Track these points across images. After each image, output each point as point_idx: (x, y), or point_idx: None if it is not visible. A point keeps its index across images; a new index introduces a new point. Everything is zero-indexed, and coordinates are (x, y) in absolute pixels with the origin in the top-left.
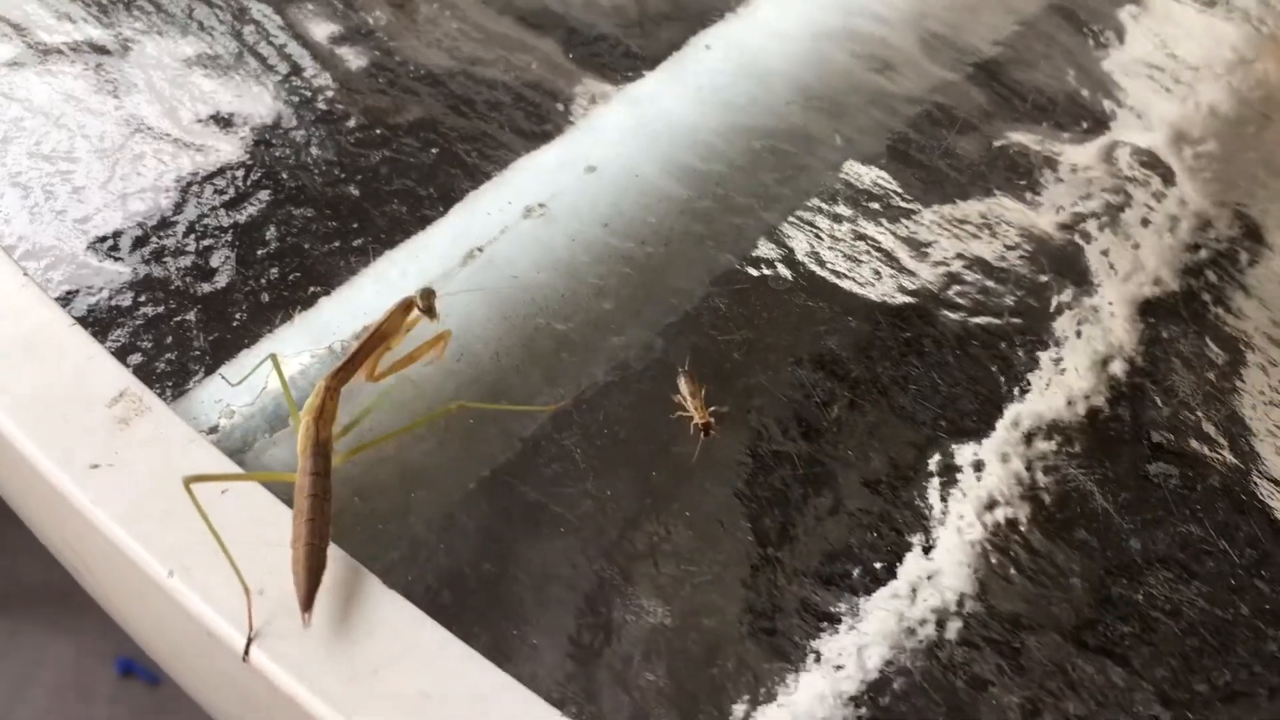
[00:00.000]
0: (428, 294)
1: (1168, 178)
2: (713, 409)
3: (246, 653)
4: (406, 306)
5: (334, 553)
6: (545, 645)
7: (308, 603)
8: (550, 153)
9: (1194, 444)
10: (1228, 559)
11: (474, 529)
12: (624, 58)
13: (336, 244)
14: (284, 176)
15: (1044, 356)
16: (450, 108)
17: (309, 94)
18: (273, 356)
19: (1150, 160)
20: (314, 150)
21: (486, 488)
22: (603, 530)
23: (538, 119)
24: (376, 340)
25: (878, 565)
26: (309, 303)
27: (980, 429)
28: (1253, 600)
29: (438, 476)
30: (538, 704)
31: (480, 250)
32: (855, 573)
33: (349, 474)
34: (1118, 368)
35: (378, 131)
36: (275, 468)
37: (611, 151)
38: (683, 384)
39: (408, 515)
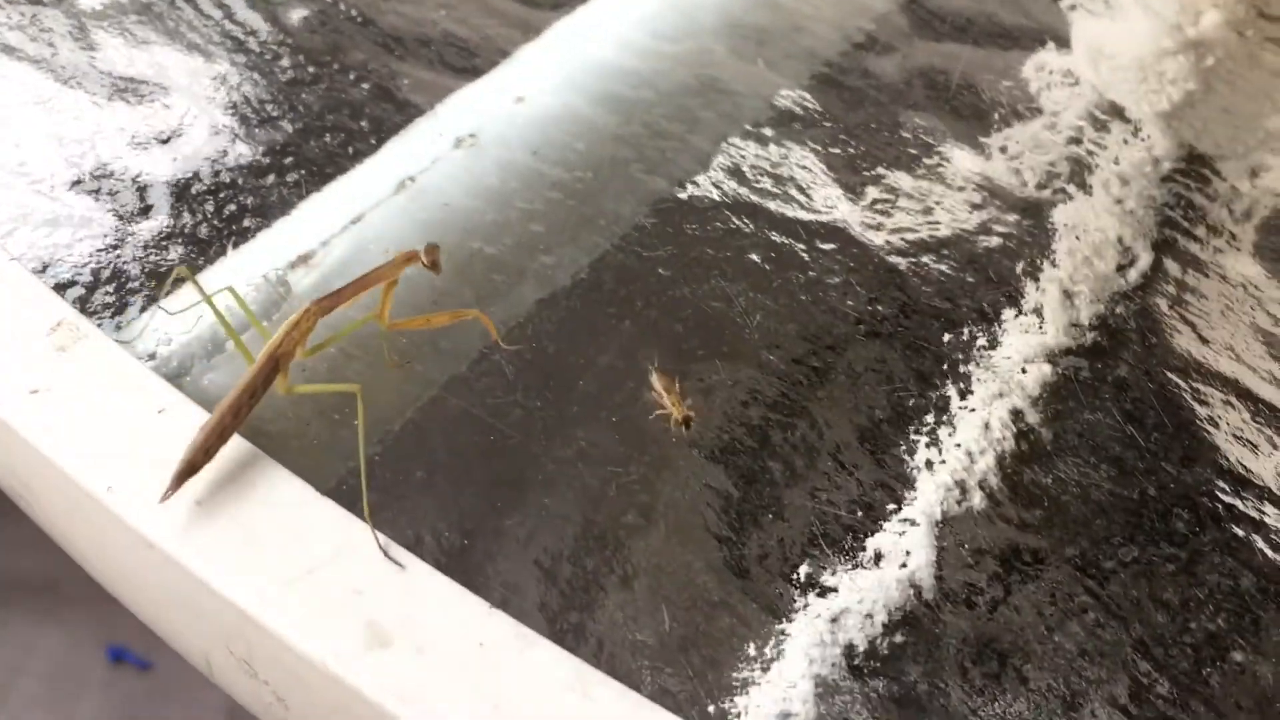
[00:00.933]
0: (432, 248)
1: (1086, 93)
2: (688, 401)
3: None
4: (409, 256)
5: (275, 470)
6: (476, 544)
7: (175, 484)
8: (480, 85)
9: (1103, 339)
10: (1134, 444)
11: (411, 443)
12: None
13: (271, 178)
14: (219, 115)
15: (964, 271)
16: (381, 46)
17: (241, 36)
18: (230, 289)
19: (1069, 77)
20: (247, 89)
21: (425, 404)
22: (531, 437)
23: (468, 54)
24: (370, 281)
25: (790, 463)
26: (245, 236)
27: (899, 331)
28: (1159, 481)
29: (380, 397)
30: (468, 596)
31: (412, 180)
32: (774, 470)
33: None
34: (1028, 267)
35: (310, 70)
36: (213, 393)
37: (540, 83)
38: (656, 381)
39: (344, 431)
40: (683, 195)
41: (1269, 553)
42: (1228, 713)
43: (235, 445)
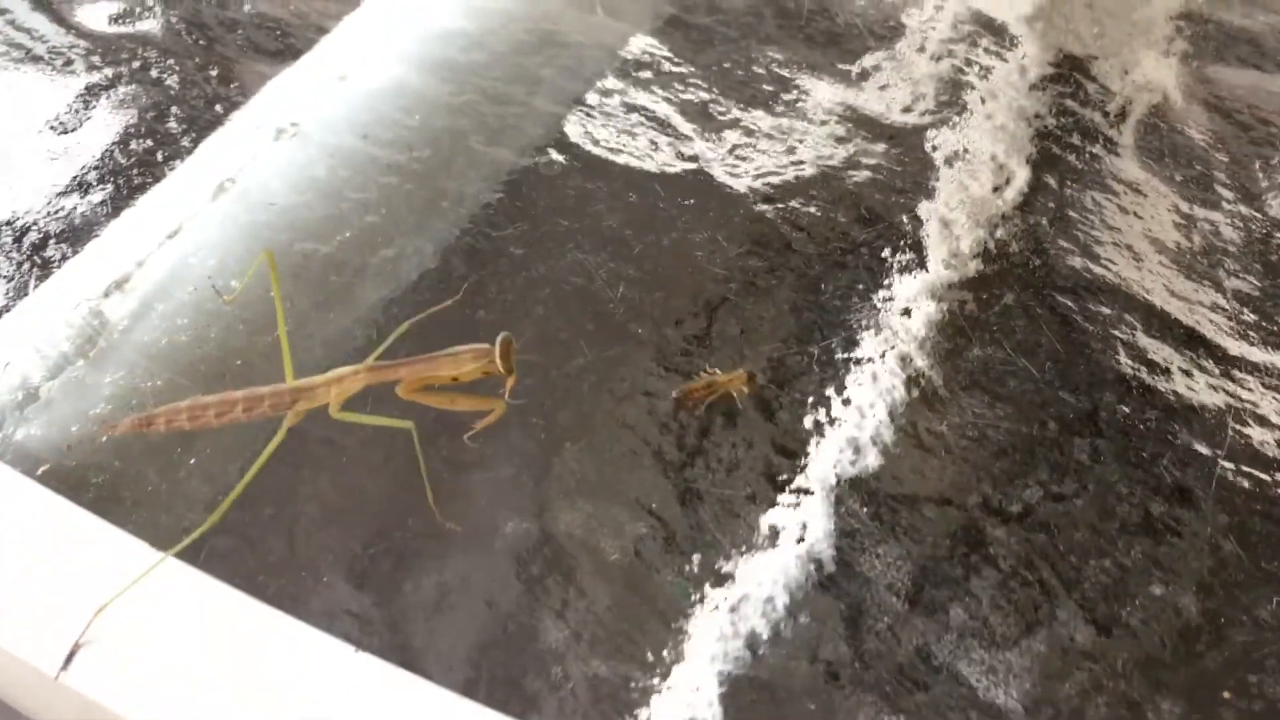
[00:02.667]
0: (507, 343)
1: (949, 4)
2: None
3: None
4: (480, 355)
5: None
6: (333, 579)
7: (131, 424)
8: (298, 68)
9: (986, 267)
10: (1029, 376)
11: (259, 480)
12: None
13: (75, 198)
14: (5, 134)
15: (834, 210)
16: (183, 35)
17: (28, 43)
18: (268, 254)
19: None
20: (39, 101)
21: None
22: (390, 453)
23: (281, 34)
24: (434, 367)
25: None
26: (50, 267)
27: (772, 285)
28: (1057, 413)
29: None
30: (331, 642)
31: (232, 181)
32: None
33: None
34: (902, 200)
35: (108, 72)
36: (31, 446)
37: (363, 57)
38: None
39: (188, 482)
40: (529, 164)
41: (1176, 473)
42: (1152, 649)
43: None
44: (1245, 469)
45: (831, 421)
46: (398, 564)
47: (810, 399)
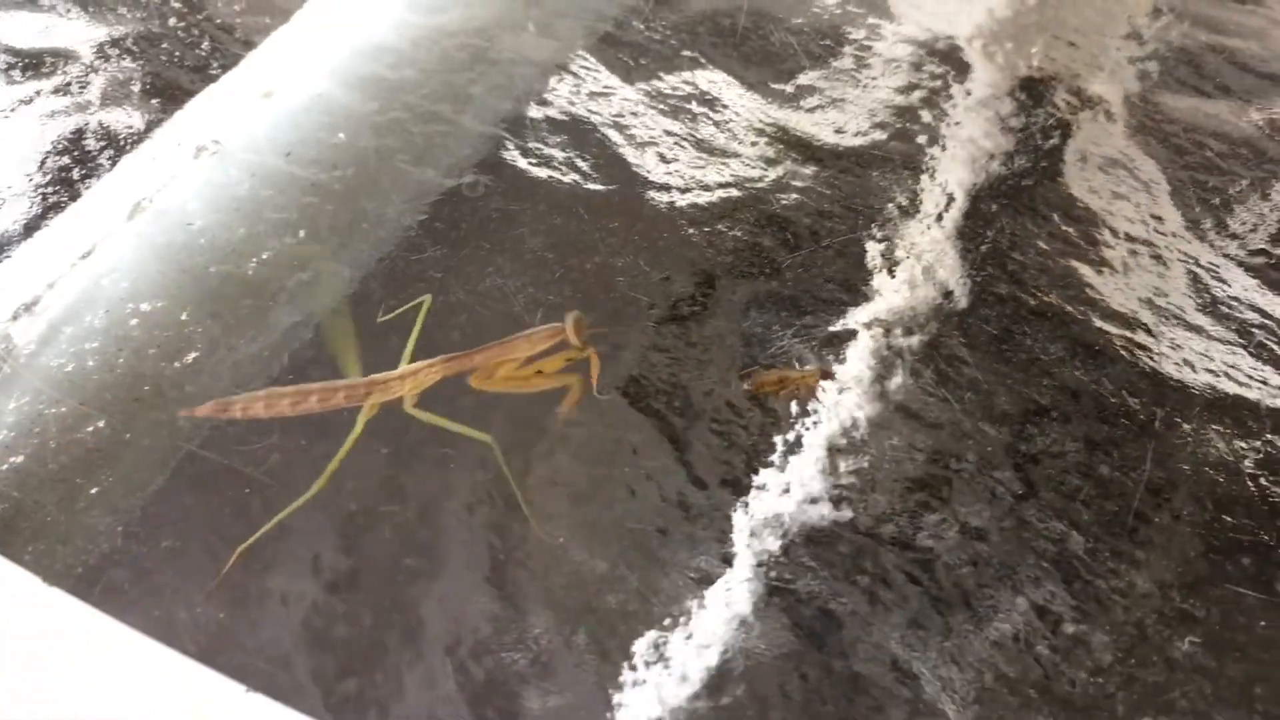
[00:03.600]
0: (579, 320)
1: (886, 25)
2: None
3: None
4: (554, 334)
5: None
6: (234, 616)
7: (209, 409)
8: (222, 84)
9: (914, 292)
10: (950, 407)
11: (161, 512)
12: None
13: None
14: None
15: (761, 235)
16: (105, 49)
17: None
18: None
19: (868, 6)
20: None
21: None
22: (291, 484)
23: (207, 51)
24: (509, 351)
25: None
26: None
27: (694, 313)
28: (978, 444)
29: (125, 464)
30: (222, 681)
31: (149, 201)
32: None
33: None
34: (831, 225)
35: (26, 89)
36: None
37: (290, 74)
38: (764, 378)
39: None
40: (453, 184)
41: (1094, 509)
42: (1061, 691)
43: None
44: (1165, 503)
45: (754, 451)
46: (299, 600)
47: (741, 461)
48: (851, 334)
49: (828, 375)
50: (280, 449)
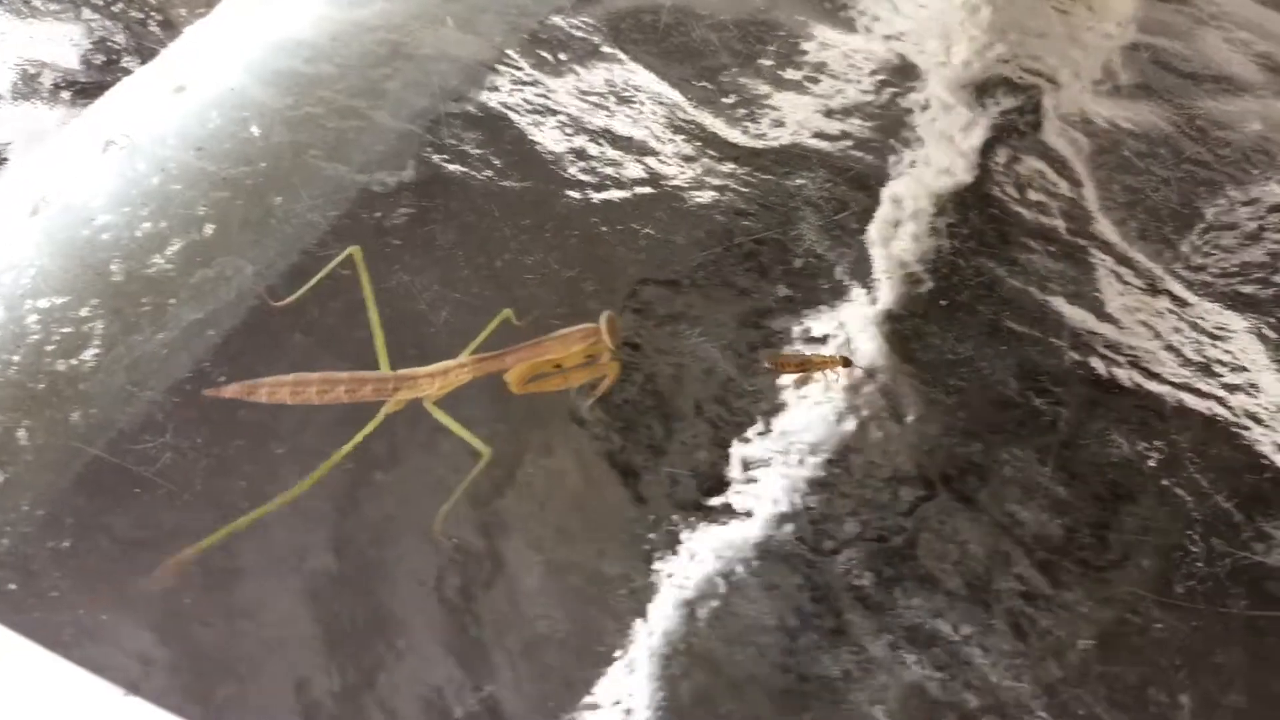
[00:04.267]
0: (612, 321)
1: (812, 18)
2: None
3: None
4: (588, 334)
5: None
6: (117, 617)
7: (237, 390)
8: (136, 78)
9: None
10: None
11: (49, 519)
12: None
13: None
14: None
15: (675, 233)
16: (7, 44)
17: None
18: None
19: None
20: None
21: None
22: (187, 485)
23: (120, 42)
24: (541, 352)
25: None
26: None
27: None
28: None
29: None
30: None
31: (52, 197)
32: None
33: None
34: (743, 223)
35: None
36: None
37: (204, 67)
38: (781, 360)
39: None
40: (364, 180)
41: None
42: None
43: None
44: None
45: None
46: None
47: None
48: (754, 331)
49: (848, 363)
50: (174, 448)
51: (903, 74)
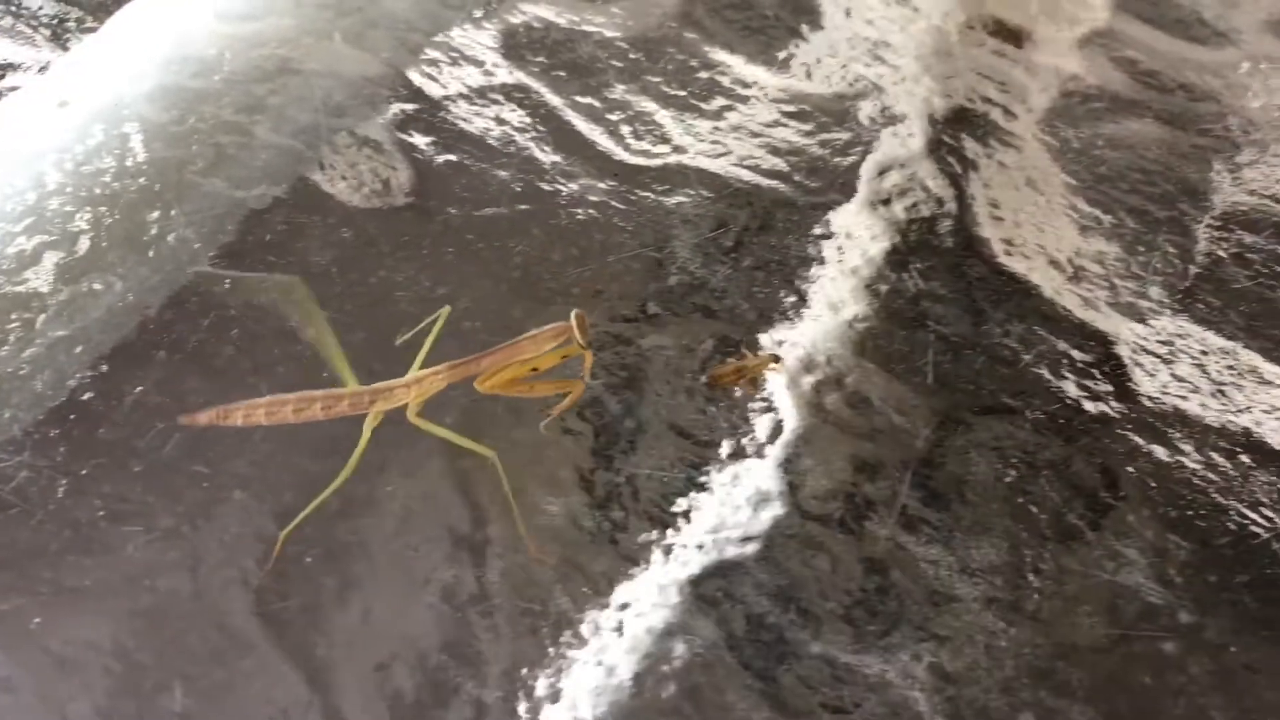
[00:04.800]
0: (581, 319)
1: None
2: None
3: None
4: (560, 333)
5: None
6: None
7: (210, 417)
8: (21, 93)
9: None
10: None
11: None
12: None
13: None
14: None
15: (552, 249)
16: None
17: None
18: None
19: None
20: None
21: None
22: (44, 503)
23: (11, 57)
24: (515, 353)
25: None
26: None
27: (474, 329)
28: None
29: None
30: None
31: None
32: None
33: None
34: (620, 240)
35: None
36: None
37: (88, 81)
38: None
39: None
40: (242, 196)
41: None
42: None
43: None
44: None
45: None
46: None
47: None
48: (648, 340)
49: (778, 360)
50: (30, 466)
51: (796, 99)
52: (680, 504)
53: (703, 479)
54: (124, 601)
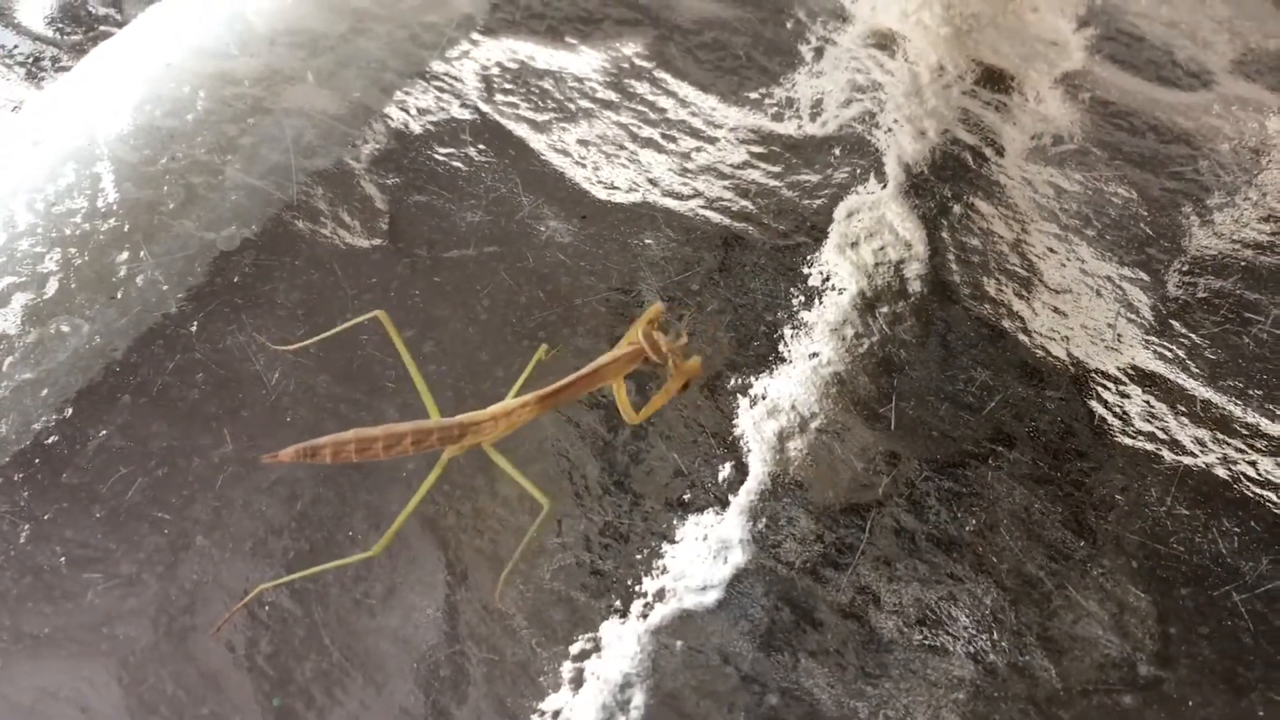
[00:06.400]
0: (650, 339)
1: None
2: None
3: None
4: (635, 356)
5: None
6: None
7: (293, 454)
8: None
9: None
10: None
11: None
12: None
13: None
14: None
15: (512, 290)
16: None
17: None
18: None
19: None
20: None
21: None
22: (7, 544)
23: None
24: (599, 378)
25: None
26: None
27: (441, 374)
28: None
29: None
30: None
31: None
32: None
33: None
34: (587, 281)
35: None
36: None
37: (62, 121)
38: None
39: None
40: (211, 237)
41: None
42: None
43: None
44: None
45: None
46: None
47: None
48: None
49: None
50: None
51: (766, 139)
52: (642, 552)
53: (664, 527)
54: (84, 649)
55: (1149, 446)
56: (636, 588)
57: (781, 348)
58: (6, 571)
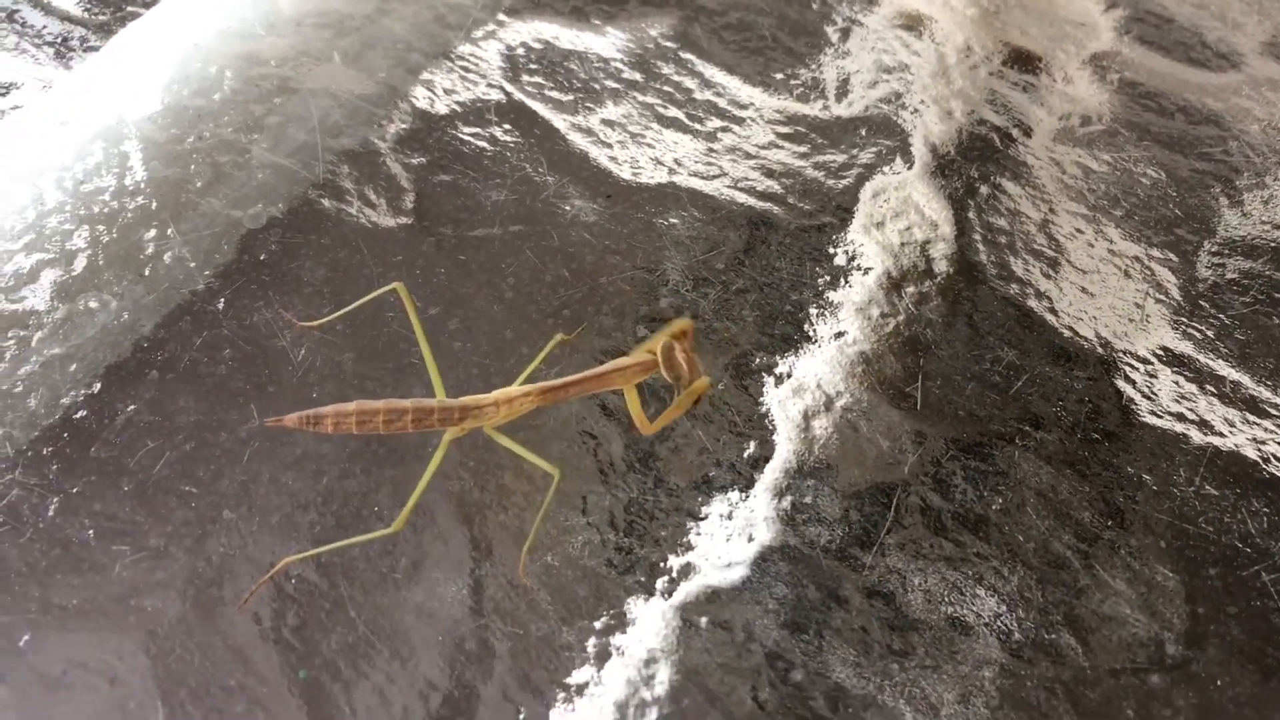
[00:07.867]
0: (669, 351)
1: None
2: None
3: None
4: (647, 367)
5: None
6: None
7: (297, 421)
8: (23, 113)
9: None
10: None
11: None
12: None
13: None
14: None
15: (536, 269)
16: None
17: None
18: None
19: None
20: None
21: None
22: (33, 520)
23: (15, 76)
24: (603, 383)
25: None
26: None
27: (463, 350)
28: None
29: None
30: None
31: None
32: None
33: None
34: (611, 260)
35: None
36: None
37: (90, 100)
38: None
39: None
40: (238, 215)
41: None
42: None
43: None
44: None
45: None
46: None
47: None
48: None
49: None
50: (21, 484)
51: (792, 120)
52: (667, 529)
53: (689, 505)
54: (112, 621)
55: (1177, 427)
56: (661, 564)
57: (807, 327)
58: (36, 544)
